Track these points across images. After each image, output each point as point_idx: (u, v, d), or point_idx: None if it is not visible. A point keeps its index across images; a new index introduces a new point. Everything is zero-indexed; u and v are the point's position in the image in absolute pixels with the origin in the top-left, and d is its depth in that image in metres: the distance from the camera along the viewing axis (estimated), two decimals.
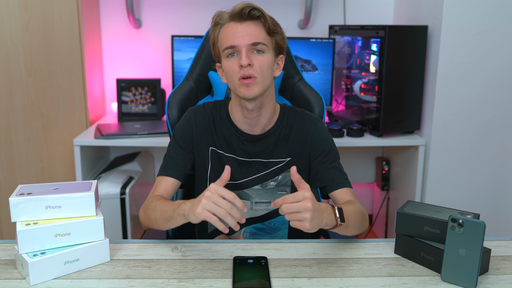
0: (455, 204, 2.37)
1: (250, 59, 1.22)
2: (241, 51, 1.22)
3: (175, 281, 1.02)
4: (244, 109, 1.30)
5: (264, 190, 1.35)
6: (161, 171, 1.34)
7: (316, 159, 1.35)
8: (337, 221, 1.09)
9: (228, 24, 1.26)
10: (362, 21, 2.81)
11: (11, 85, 2.38)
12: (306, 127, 1.36)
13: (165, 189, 1.31)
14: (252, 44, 1.23)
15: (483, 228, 0.97)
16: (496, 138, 2.37)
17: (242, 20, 1.24)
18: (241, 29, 1.23)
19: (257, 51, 1.24)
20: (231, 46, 1.23)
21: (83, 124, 2.47)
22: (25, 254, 1.02)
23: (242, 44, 1.22)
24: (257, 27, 1.24)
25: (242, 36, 1.23)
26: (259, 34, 1.24)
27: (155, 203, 1.23)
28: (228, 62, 1.25)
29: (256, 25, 1.24)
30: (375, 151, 2.96)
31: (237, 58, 1.24)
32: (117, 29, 2.77)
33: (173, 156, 1.34)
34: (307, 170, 1.37)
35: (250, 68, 1.22)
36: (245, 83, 1.23)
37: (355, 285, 1.02)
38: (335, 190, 1.32)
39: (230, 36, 1.24)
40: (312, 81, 2.51)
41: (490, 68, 2.29)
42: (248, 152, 1.34)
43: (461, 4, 2.22)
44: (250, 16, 1.24)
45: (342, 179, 1.34)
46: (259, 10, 1.24)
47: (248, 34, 1.23)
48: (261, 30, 1.25)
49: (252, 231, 1.38)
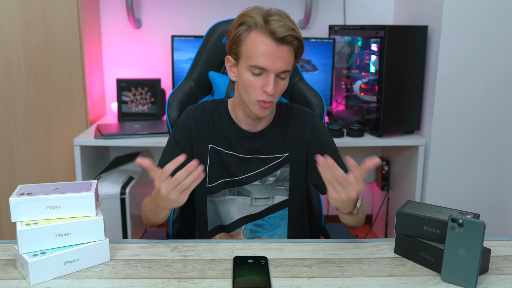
0: (455, 204, 2.37)
1: (275, 87, 1.21)
2: (270, 76, 1.20)
3: (175, 281, 1.02)
4: (247, 115, 1.31)
5: (264, 185, 1.36)
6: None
7: (314, 154, 1.35)
8: (355, 210, 1.16)
9: (263, 38, 1.19)
10: (362, 21, 2.81)
11: (11, 85, 2.38)
12: (302, 122, 1.37)
13: None
14: (282, 72, 1.21)
15: (483, 228, 0.97)
16: (496, 138, 2.37)
17: (280, 43, 1.18)
18: (277, 54, 1.19)
19: (280, 78, 1.23)
20: (261, 68, 1.20)
21: (83, 124, 2.47)
22: (25, 254, 1.02)
23: (273, 69, 1.19)
24: (290, 53, 1.21)
25: (275, 61, 1.19)
26: (290, 61, 1.21)
27: (144, 202, 1.33)
28: (250, 78, 1.22)
29: (290, 51, 1.21)
30: (375, 151, 2.96)
31: (262, 79, 1.21)
32: (117, 29, 2.77)
33: (171, 156, 1.35)
34: (304, 166, 1.38)
35: (271, 95, 1.22)
36: (263, 106, 1.23)
37: (355, 285, 1.02)
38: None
39: (263, 55, 1.19)
40: (312, 81, 2.51)
41: (490, 68, 2.29)
42: (247, 149, 1.35)
43: (461, 4, 2.22)
44: (289, 42, 1.19)
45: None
46: (298, 41, 1.20)
47: (282, 60, 1.19)
48: (292, 56, 1.22)
49: (252, 228, 1.39)
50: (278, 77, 1.22)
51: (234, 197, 1.37)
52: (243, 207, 1.37)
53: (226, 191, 1.37)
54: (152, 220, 1.28)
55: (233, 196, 1.37)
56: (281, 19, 1.19)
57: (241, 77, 1.24)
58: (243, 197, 1.37)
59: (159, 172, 1.09)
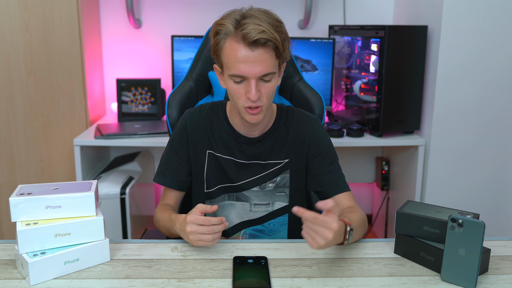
0: (455, 204, 2.37)
1: (259, 90, 1.17)
2: (250, 82, 1.16)
3: (175, 281, 1.02)
4: (243, 120, 1.28)
5: (263, 192, 1.35)
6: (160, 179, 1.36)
7: (314, 161, 1.33)
8: (345, 243, 1.09)
9: (236, 44, 1.15)
10: (362, 21, 2.81)
11: (11, 85, 2.38)
12: (303, 127, 1.34)
13: (169, 198, 1.37)
14: (262, 76, 1.17)
15: (483, 228, 0.97)
16: (496, 138, 2.37)
17: (254, 47, 1.13)
18: (253, 58, 1.14)
19: (264, 80, 1.18)
20: (239, 76, 1.16)
21: (83, 124, 2.47)
22: (25, 254, 1.02)
23: (252, 75, 1.15)
24: (268, 55, 1.15)
25: (252, 67, 1.14)
26: (269, 62, 1.16)
27: (159, 216, 1.31)
28: (234, 86, 1.19)
29: (268, 52, 1.15)
30: (375, 151, 2.96)
31: (245, 85, 1.18)
32: (117, 29, 2.77)
33: (168, 164, 1.36)
34: (304, 172, 1.36)
35: (258, 99, 1.18)
36: (251, 112, 1.20)
37: (355, 285, 1.02)
38: (334, 196, 1.31)
39: (239, 63, 1.15)
40: (312, 81, 2.51)
41: (489, 68, 2.29)
42: (246, 154, 1.33)
43: (461, 4, 2.22)
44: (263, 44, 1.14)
45: (340, 182, 1.32)
46: (273, 42, 1.14)
47: (259, 64, 1.14)
48: (272, 57, 1.16)
49: (252, 233, 1.38)
50: (262, 80, 1.18)
51: (233, 202, 1.36)
52: (242, 213, 1.36)
53: (225, 196, 1.36)
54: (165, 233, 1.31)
55: (232, 201, 1.36)
56: (255, 20, 1.13)
57: (227, 85, 1.22)
58: (242, 203, 1.35)
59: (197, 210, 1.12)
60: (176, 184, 1.35)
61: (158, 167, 1.37)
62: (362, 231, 1.23)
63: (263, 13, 1.16)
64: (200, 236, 1.10)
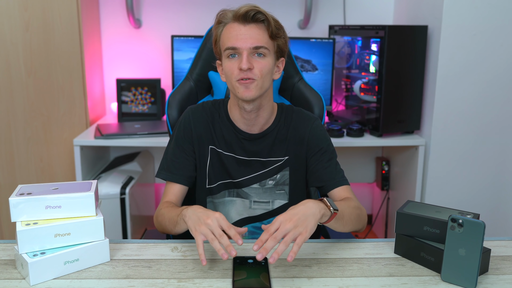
0: (455, 204, 2.37)
1: (250, 63, 1.22)
2: (242, 54, 1.22)
3: (175, 281, 1.02)
4: (242, 110, 1.31)
5: (263, 189, 1.36)
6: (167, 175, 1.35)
7: (313, 157, 1.35)
8: (331, 209, 1.08)
9: (231, 24, 1.25)
10: (362, 21, 2.81)
11: (11, 85, 2.38)
12: (303, 125, 1.37)
13: (174, 195, 1.34)
14: (254, 48, 1.22)
15: (483, 228, 0.97)
16: (496, 138, 2.37)
17: (246, 22, 1.23)
18: (244, 32, 1.22)
19: (258, 55, 1.23)
20: (232, 48, 1.23)
21: (83, 124, 2.47)
22: (25, 254, 1.02)
23: (243, 47, 1.22)
24: (260, 30, 1.24)
25: (244, 39, 1.22)
26: (261, 37, 1.23)
27: (164, 211, 1.27)
28: (228, 63, 1.25)
29: (260, 28, 1.24)
30: (375, 151, 2.96)
31: (238, 60, 1.23)
32: (117, 29, 2.77)
33: (174, 160, 1.35)
34: (304, 169, 1.38)
35: (250, 72, 1.22)
36: (243, 83, 1.23)
37: (355, 285, 1.02)
38: (333, 189, 1.33)
39: (232, 37, 1.23)
40: (312, 81, 2.51)
41: (490, 68, 2.29)
42: (247, 151, 1.35)
43: (461, 4, 2.22)
44: (254, 19, 1.23)
45: (339, 177, 1.34)
46: (264, 14, 1.23)
47: (251, 37, 1.22)
48: (264, 34, 1.24)
49: (251, 230, 1.39)
50: (255, 56, 1.23)
51: (233, 198, 1.37)
52: (242, 209, 1.37)
53: (225, 193, 1.37)
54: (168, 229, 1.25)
55: (232, 197, 1.37)
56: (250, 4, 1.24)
57: (224, 70, 1.28)
58: (242, 199, 1.36)
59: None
60: (184, 180, 1.34)
61: (163, 164, 1.37)
62: (355, 216, 1.22)
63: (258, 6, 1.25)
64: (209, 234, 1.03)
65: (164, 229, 1.28)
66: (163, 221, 1.26)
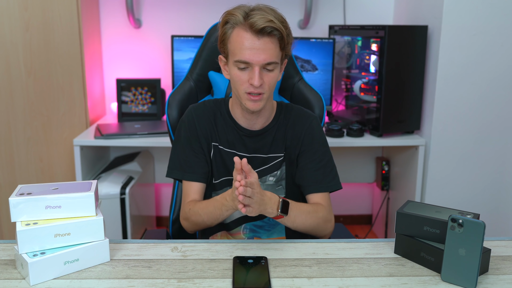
0: (455, 204, 2.37)
1: (261, 78, 1.22)
2: (254, 69, 1.21)
3: (175, 281, 1.02)
4: (244, 111, 1.33)
5: (264, 185, 1.37)
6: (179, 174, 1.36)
7: (304, 155, 1.36)
8: (278, 212, 1.17)
9: (243, 33, 1.21)
10: (362, 21, 2.81)
11: (11, 85, 2.38)
12: (301, 123, 1.38)
13: (195, 193, 1.36)
14: (266, 64, 1.22)
15: (483, 228, 0.97)
16: (496, 138, 2.37)
17: (260, 35, 1.20)
18: (258, 46, 1.20)
19: (267, 69, 1.23)
20: (244, 62, 1.22)
21: (83, 124, 2.47)
22: (25, 254, 1.02)
23: (256, 62, 1.21)
24: (273, 44, 1.22)
25: (257, 54, 1.20)
26: (274, 52, 1.22)
27: (195, 209, 1.30)
28: (237, 72, 1.24)
29: (273, 42, 1.22)
30: (375, 151, 2.96)
31: (248, 72, 1.23)
32: (117, 29, 2.77)
33: (186, 159, 1.36)
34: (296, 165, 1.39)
35: (260, 87, 1.23)
36: (252, 99, 1.24)
37: (355, 285, 1.02)
38: (310, 194, 1.35)
39: (245, 50, 1.21)
40: (312, 81, 2.51)
41: (490, 68, 2.29)
42: (248, 148, 1.36)
43: (461, 4, 2.22)
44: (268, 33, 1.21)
45: (325, 182, 1.35)
46: (279, 31, 1.21)
47: (264, 52, 1.21)
48: (276, 48, 1.23)
49: (252, 228, 1.40)
50: (265, 69, 1.23)
51: None
52: None
53: (227, 189, 1.37)
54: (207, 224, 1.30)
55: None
56: (262, 12, 1.21)
57: (230, 73, 1.27)
58: None
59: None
60: (200, 177, 1.35)
61: (173, 163, 1.37)
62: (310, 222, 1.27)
63: (269, 9, 1.24)
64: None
65: (200, 226, 1.32)
66: (199, 219, 1.29)
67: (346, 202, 3.03)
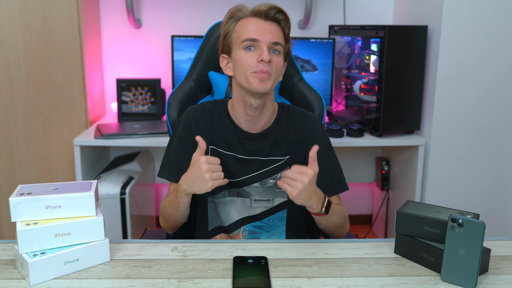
0: (455, 204, 2.37)
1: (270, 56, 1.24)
2: (262, 47, 1.23)
3: (175, 281, 1.02)
4: (247, 106, 1.30)
5: (264, 188, 1.36)
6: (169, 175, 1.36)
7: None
8: (322, 210, 1.19)
9: (249, 19, 1.27)
10: (362, 21, 2.81)
11: (11, 85, 2.38)
12: (304, 126, 1.38)
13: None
14: (273, 43, 1.25)
15: (483, 228, 0.97)
16: (496, 138, 2.37)
17: (266, 19, 1.26)
18: (265, 26, 1.25)
19: (273, 51, 1.26)
20: (252, 39, 1.24)
21: (83, 124, 2.47)
22: (25, 254, 1.02)
23: (264, 40, 1.24)
24: (277, 28, 1.27)
25: (265, 33, 1.24)
26: (280, 35, 1.27)
27: (163, 203, 1.33)
28: (244, 54, 1.25)
29: (277, 27, 1.28)
30: (375, 151, 2.96)
31: (256, 52, 1.24)
32: (117, 29, 2.77)
33: (176, 160, 1.36)
34: None
35: (269, 65, 1.24)
36: (261, 76, 1.24)
37: (355, 285, 1.02)
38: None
39: (253, 29, 1.25)
40: (312, 81, 2.51)
41: (490, 68, 2.29)
42: (248, 150, 1.35)
43: (461, 4, 2.22)
44: (274, 18, 1.26)
45: (331, 185, 1.37)
46: (284, 14, 1.27)
47: (271, 32, 1.25)
48: (280, 32, 1.28)
49: (251, 230, 1.39)
50: (271, 51, 1.25)
51: (233, 198, 1.37)
52: (242, 209, 1.37)
53: (225, 193, 1.37)
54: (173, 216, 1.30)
55: (233, 197, 1.37)
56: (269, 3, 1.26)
57: (236, 62, 1.28)
58: (242, 199, 1.36)
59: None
60: None
61: (164, 163, 1.38)
62: (340, 224, 1.32)
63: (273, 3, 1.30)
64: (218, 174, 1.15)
65: (170, 221, 1.32)
66: (166, 212, 1.32)
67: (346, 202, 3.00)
